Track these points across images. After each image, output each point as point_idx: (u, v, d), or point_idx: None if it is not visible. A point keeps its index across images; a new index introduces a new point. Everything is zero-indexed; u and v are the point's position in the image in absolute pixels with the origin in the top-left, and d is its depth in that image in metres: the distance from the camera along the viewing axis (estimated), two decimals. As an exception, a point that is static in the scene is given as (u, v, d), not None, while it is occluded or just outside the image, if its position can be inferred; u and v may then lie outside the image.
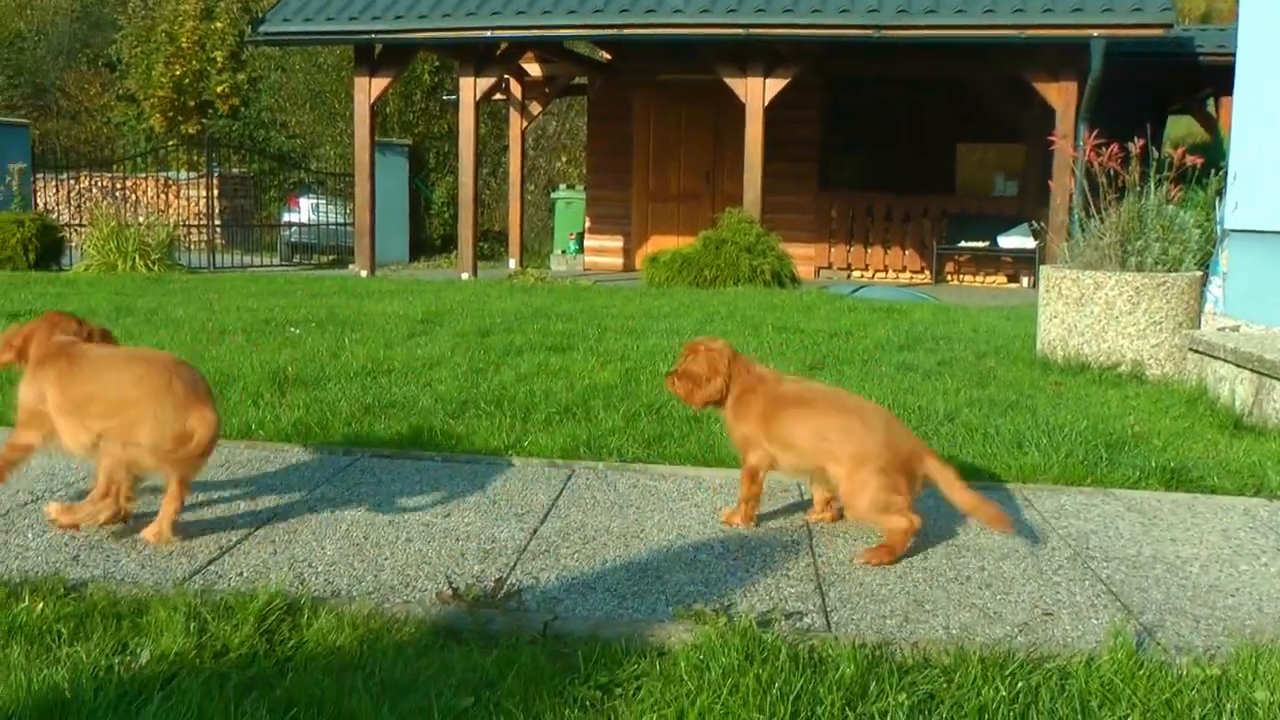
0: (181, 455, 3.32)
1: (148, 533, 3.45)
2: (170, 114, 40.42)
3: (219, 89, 39.51)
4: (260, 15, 38.90)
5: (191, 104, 40.43)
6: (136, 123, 42.54)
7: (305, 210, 29.68)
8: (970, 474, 4.44)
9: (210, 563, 3.34)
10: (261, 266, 25.67)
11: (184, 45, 39.88)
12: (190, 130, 39.71)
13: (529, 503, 4.03)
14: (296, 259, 29.04)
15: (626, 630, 2.90)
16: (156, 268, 17.98)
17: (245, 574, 3.25)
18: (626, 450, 4.84)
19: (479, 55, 18.32)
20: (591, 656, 2.73)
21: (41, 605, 2.93)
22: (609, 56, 22.50)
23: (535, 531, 3.70)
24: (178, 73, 39.88)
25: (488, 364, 7.03)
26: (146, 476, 3.55)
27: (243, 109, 39.53)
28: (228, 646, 2.73)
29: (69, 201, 26.74)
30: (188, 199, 29.72)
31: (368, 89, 18.76)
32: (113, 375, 3.48)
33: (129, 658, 2.66)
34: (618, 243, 23.00)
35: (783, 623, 3.00)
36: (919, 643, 2.88)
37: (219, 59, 39.61)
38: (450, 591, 3.12)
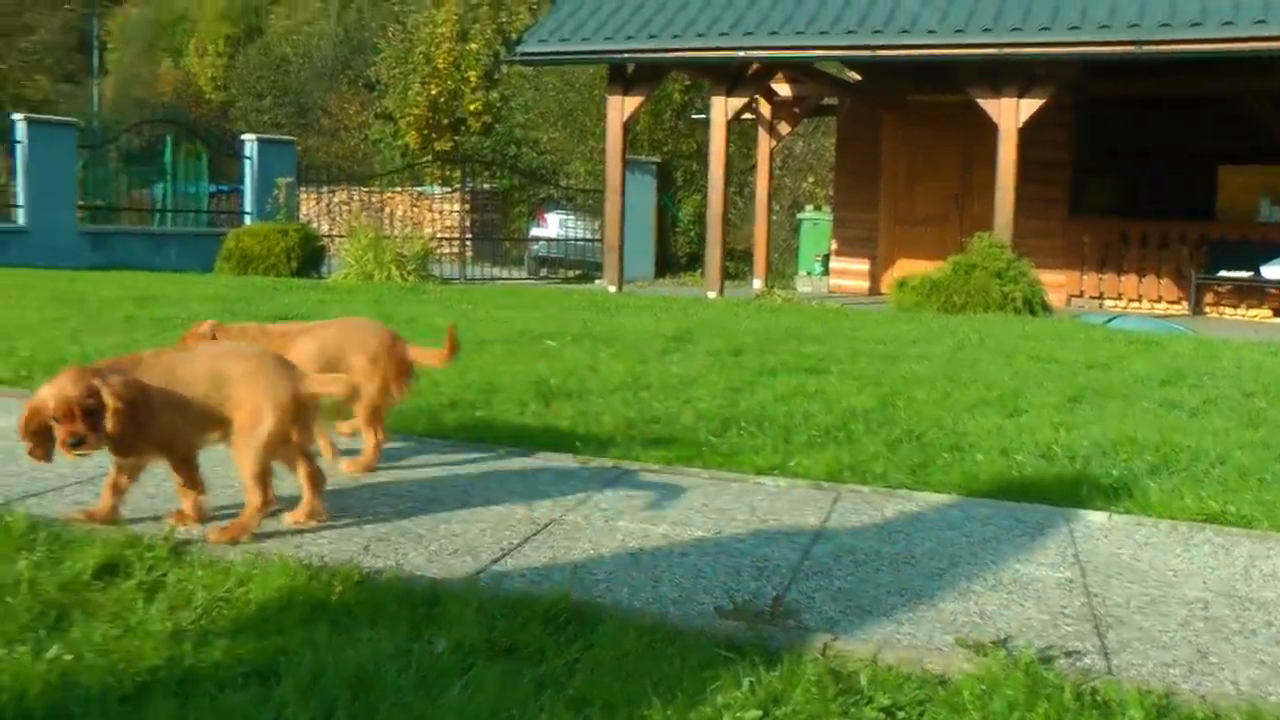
0: None
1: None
2: (425, 131, 41.65)
3: (472, 107, 40.59)
4: (514, 36, 40.03)
5: (445, 122, 41.61)
6: (393, 140, 43.96)
7: (553, 225, 30.21)
8: (1246, 523, 4.30)
9: (493, 562, 3.44)
10: (510, 280, 26.24)
11: (440, 66, 41.08)
12: (443, 147, 40.84)
13: (798, 523, 4.04)
14: (543, 273, 29.59)
15: (906, 655, 2.89)
16: (411, 278, 18.51)
17: (527, 575, 3.34)
18: (890, 476, 4.81)
19: (730, 75, 18.43)
20: (874, 679, 2.73)
21: (341, 589, 3.07)
22: (858, 77, 22.39)
23: (807, 552, 3.71)
24: (433, 92, 41.09)
25: (743, 383, 7.06)
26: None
27: (494, 126, 40.51)
28: (516, 644, 2.81)
29: (327, 213, 27.78)
30: (439, 213, 30.53)
31: (620, 107, 19.02)
32: None
33: (426, 645, 2.77)
34: (864, 265, 22.84)
35: (1063, 661, 2.95)
36: (1207, 695, 2.79)
37: (473, 78, 40.69)
38: (730, 606, 3.16)
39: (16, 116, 23.15)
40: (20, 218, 22.53)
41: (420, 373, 6.81)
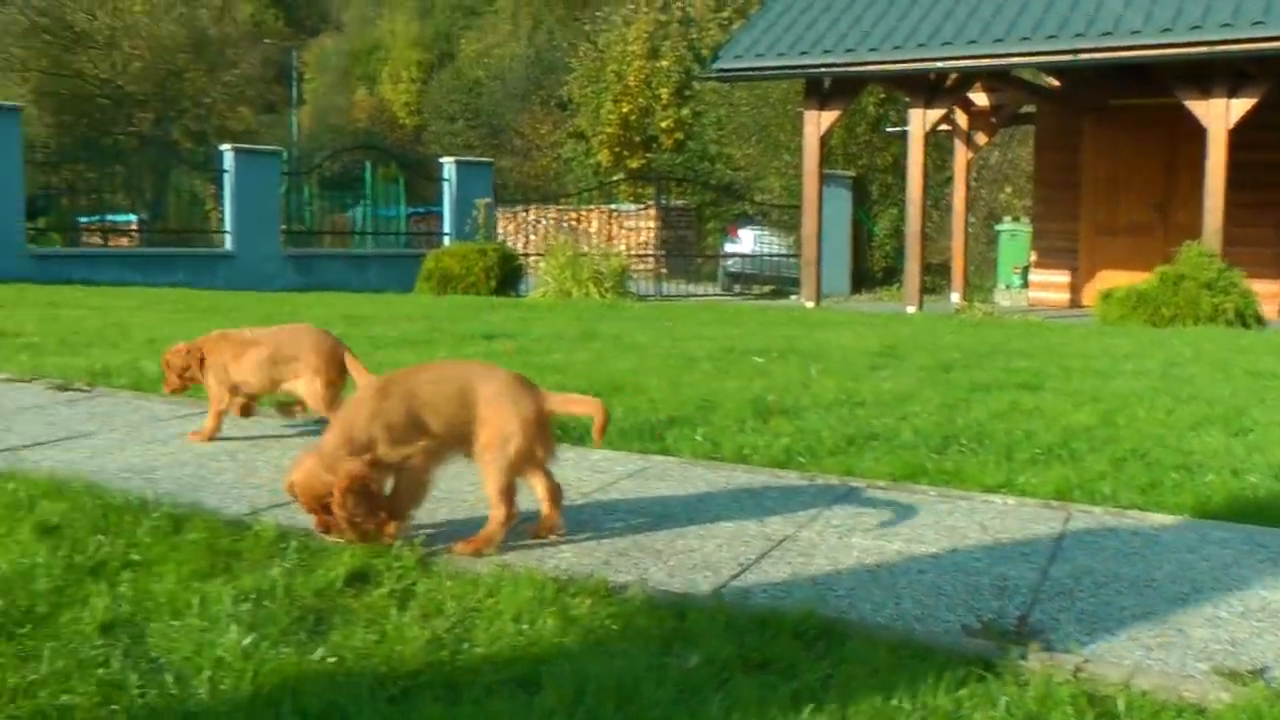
0: None
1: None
2: (616, 149, 42.14)
3: (663, 124, 40.94)
4: (704, 52, 40.24)
5: (637, 139, 42.04)
6: (585, 158, 44.53)
7: (746, 241, 30.24)
8: None
9: (733, 578, 3.46)
10: (704, 295, 26.37)
11: (631, 84, 41.52)
12: (635, 164, 41.26)
13: (1031, 543, 3.99)
14: (736, 289, 29.65)
15: (1160, 682, 2.83)
16: (609, 295, 18.71)
17: (769, 591, 3.35)
18: (1119, 496, 4.72)
19: (928, 87, 18.28)
20: (1130, 705, 2.68)
21: (589, 602, 3.13)
22: (1057, 83, 21.99)
23: (1045, 572, 3.66)
24: (625, 110, 41.55)
25: (957, 400, 6.98)
26: None
27: (686, 143, 40.77)
28: (769, 659, 2.83)
29: (520, 232, 28.24)
30: (631, 229, 30.78)
31: (817, 122, 19.00)
32: None
33: (678, 659, 2.81)
34: (1064, 277, 22.41)
35: (1325, 695, 2.86)
36: None
37: (664, 95, 41.04)
38: (977, 625, 3.14)
39: (224, 147, 24.02)
40: (228, 243, 23.35)
41: (631, 387, 6.92)
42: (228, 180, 23.40)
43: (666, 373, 7.86)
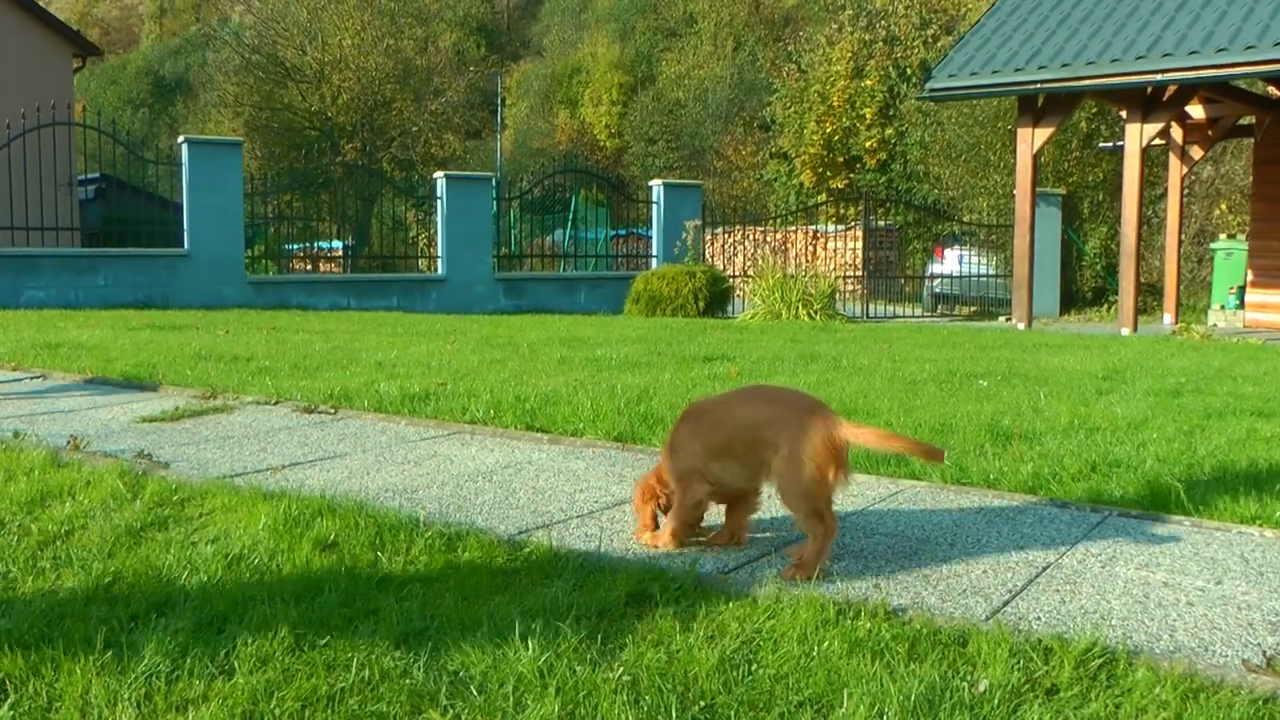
0: None
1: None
2: (819, 170, 42.03)
3: (867, 144, 40.69)
4: (908, 70, 39.91)
5: (840, 160, 41.86)
6: (787, 179, 44.49)
7: (951, 261, 29.88)
8: None
9: (1005, 604, 3.46)
10: (910, 317, 26.16)
11: (835, 104, 41.38)
12: (838, 185, 41.11)
13: (1298, 575, 3.91)
14: (939, 310, 29.32)
15: None
16: (818, 317, 18.69)
17: (1042, 618, 3.35)
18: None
19: (1145, 100, 17.88)
20: None
21: (869, 625, 3.17)
22: (1277, 93, 21.30)
23: (1315, 605, 3.59)
24: (828, 130, 41.43)
25: (1193, 427, 6.83)
26: None
27: (890, 163, 40.49)
28: (1056, 685, 2.84)
29: (722, 253, 28.31)
30: (834, 250, 30.64)
31: (1030, 139, 18.72)
32: None
33: (966, 682, 2.83)
34: (1283, 298, 21.68)
35: None
36: None
37: (868, 115, 40.81)
38: (1259, 661, 3.09)
39: (437, 174, 24.63)
40: (440, 267, 23.88)
41: (864, 411, 6.92)
42: (440, 206, 23.98)
43: (894, 396, 7.85)
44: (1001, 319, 23.88)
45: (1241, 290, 23.09)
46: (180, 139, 22.48)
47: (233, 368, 9.17)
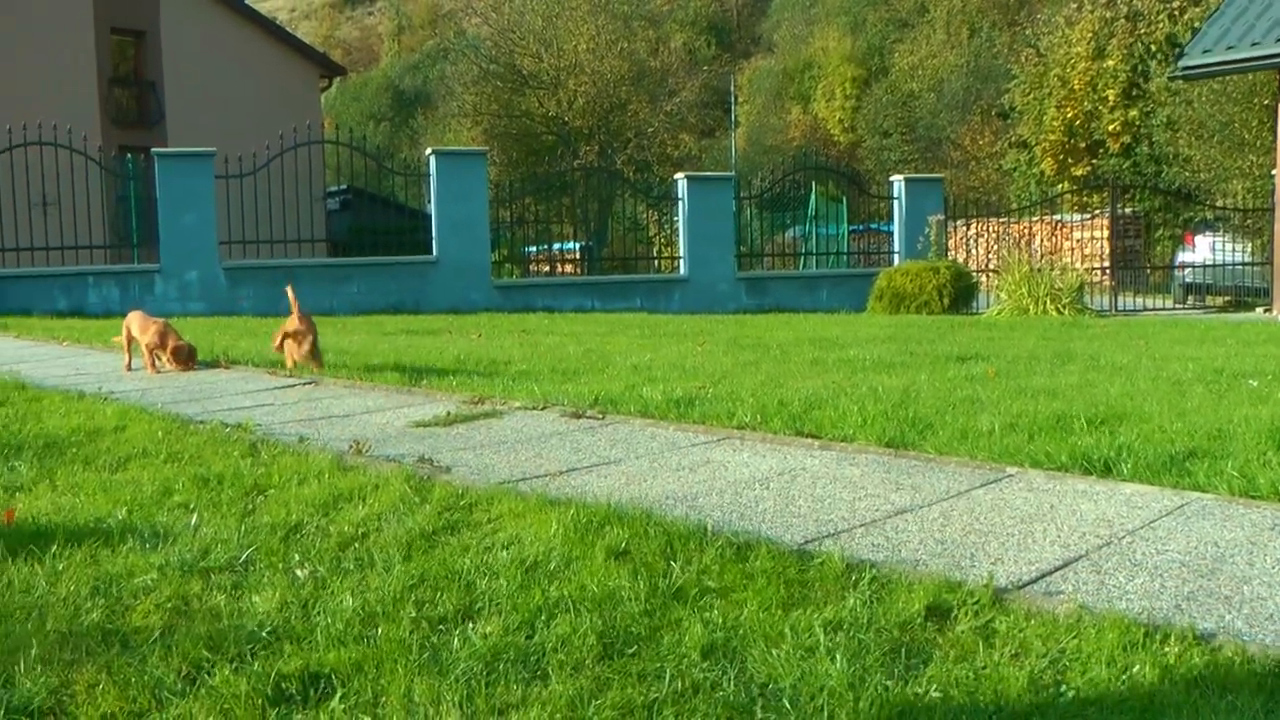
0: None
1: None
2: (1060, 157, 40.99)
3: (1110, 128, 39.52)
4: (1155, 46, 38.61)
5: (1081, 145, 40.76)
6: (1027, 168, 43.52)
7: (1202, 249, 28.84)
8: None
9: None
10: (1160, 310, 25.34)
11: (1075, 87, 40.29)
12: (1079, 172, 40.05)
13: None
14: (1190, 301, 28.31)
15: None
16: (1067, 311, 18.28)
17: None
18: None
19: None
20: None
21: (1178, 650, 3.08)
22: None
23: None
24: (1069, 115, 40.37)
25: None
26: None
27: (1134, 147, 39.27)
28: None
29: (960, 246, 27.87)
30: (1077, 241, 29.88)
31: (1292, 116, 17.97)
32: None
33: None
34: None
35: None
36: None
37: (1110, 97, 39.61)
38: None
39: (679, 175, 24.89)
40: (682, 268, 24.08)
41: (1134, 415, 6.74)
42: (681, 206, 24.20)
43: (1161, 398, 7.62)
44: (1259, 309, 22.97)
45: None
46: (428, 151, 23.18)
47: (492, 371, 9.43)
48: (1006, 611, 3.39)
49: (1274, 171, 19.17)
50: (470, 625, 3.37)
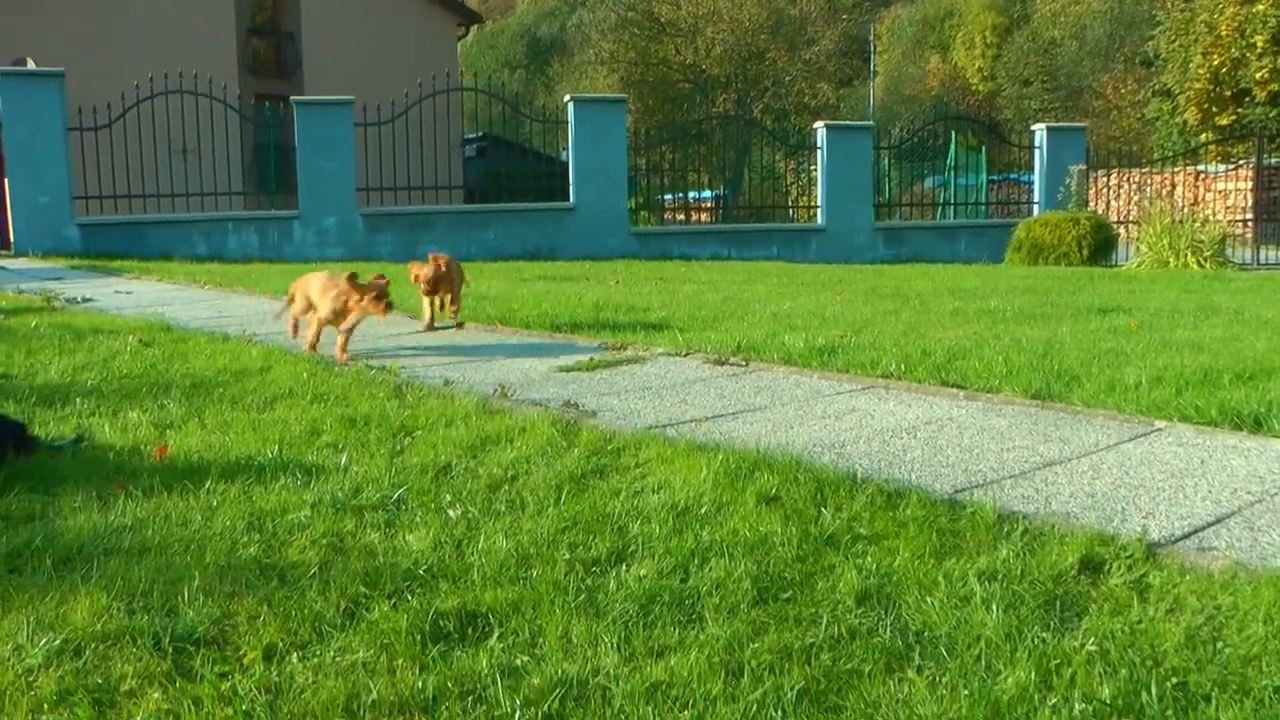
0: None
1: None
2: (1205, 105, 39.88)
3: (1257, 75, 38.31)
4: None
5: (1227, 94, 39.59)
6: (1170, 117, 42.43)
7: (1356, 200, 28.03)
8: None
9: None
10: (1306, 263, 24.70)
11: (1223, 34, 39.10)
12: (1224, 121, 38.95)
13: None
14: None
15: None
16: (1209, 264, 17.87)
17: None
18: None
19: None
20: None
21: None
22: None
23: None
24: (1215, 62, 39.22)
25: None
26: None
27: (1284, 94, 38.14)
28: None
29: (1100, 198, 27.31)
30: (1220, 192, 29.17)
31: None
32: None
33: None
34: None
35: None
36: None
37: (1259, 43, 38.35)
38: None
39: (818, 125, 24.72)
40: (820, 217, 23.94)
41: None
42: (820, 156, 24.02)
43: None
44: None
45: None
46: (566, 97, 23.25)
47: (632, 318, 9.46)
48: (1160, 566, 3.36)
49: None
50: (624, 568, 3.41)
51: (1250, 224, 26.05)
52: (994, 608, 3.03)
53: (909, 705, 2.59)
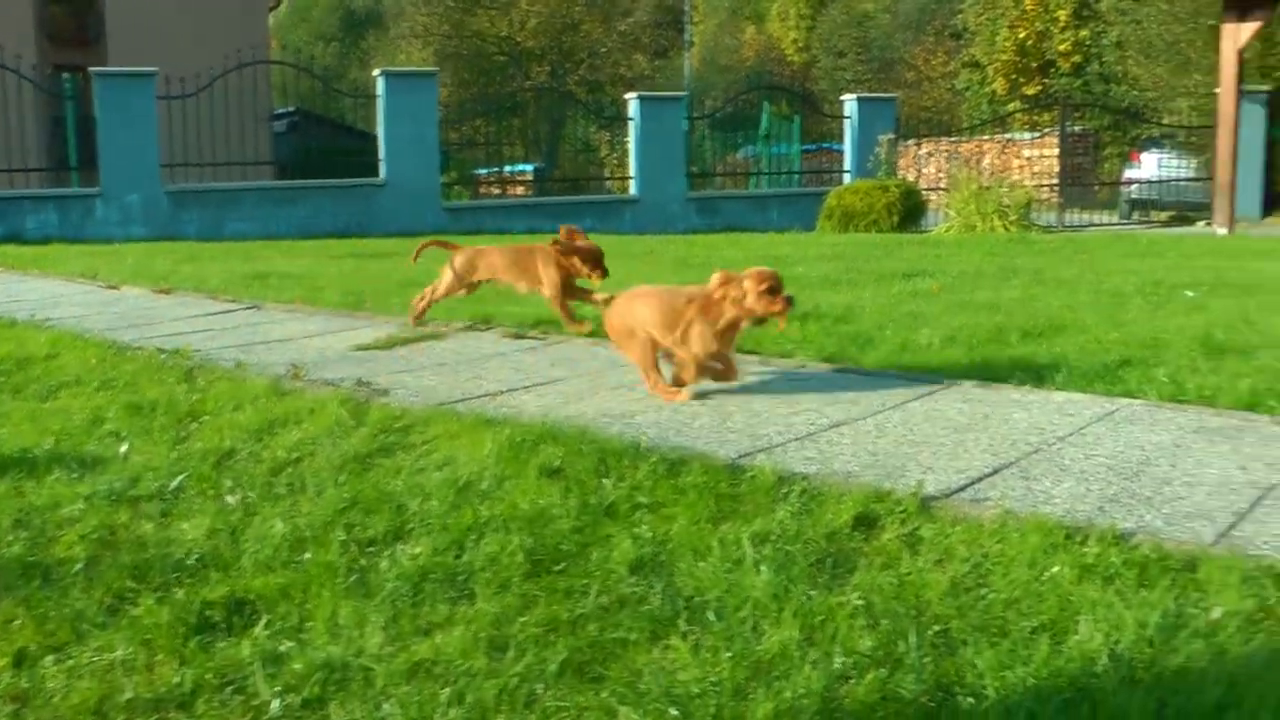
0: None
1: None
2: (1012, 76, 41.05)
3: (1061, 47, 39.57)
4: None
5: (1033, 65, 40.82)
6: (979, 87, 43.54)
7: (1148, 166, 29.11)
8: None
9: (1231, 527, 3.35)
10: (1104, 225, 25.55)
11: (1028, 7, 40.28)
12: (1030, 91, 40.11)
13: None
14: (1135, 216, 28.61)
15: None
16: (1014, 228, 18.34)
17: (1270, 542, 3.24)
18: None
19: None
20: None
21: (1097, 550, 3.12)
22: None
23: None
24: (1020, 35, 40.40)
25: None
26: None
27: (1084, 66, 39.32)
28: (1292, 610, 2.80)
29: (913, 166, 27.89)
30: (1027, 159, 30.01)
31: (1235, 35, 18.04)
32: None
33: (1200, 609, 2.80)
34: None
35: None
36: None
37: (1062, 17, 39.65)
38: None
39: (630, 95, 24.77)
40: (633, 188, 23.98)
41: (1072, 327, 6.79)
42: (633, 127, 24.06)
43: (1100, 310, 7.69)
44: (1201, 224, 23.17)
45: None
46: (376, 71, 22.94)
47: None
48: (933, 519, 3.42)
49: (1217, 90, 19.20)
50: (400, 547, 3.36)
51: (1056, 189, 26.82)
52: (764, 569, 3.05)
53: (672, 671, 2.59)
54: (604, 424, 4.63)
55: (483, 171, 29.57)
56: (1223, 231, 18.58)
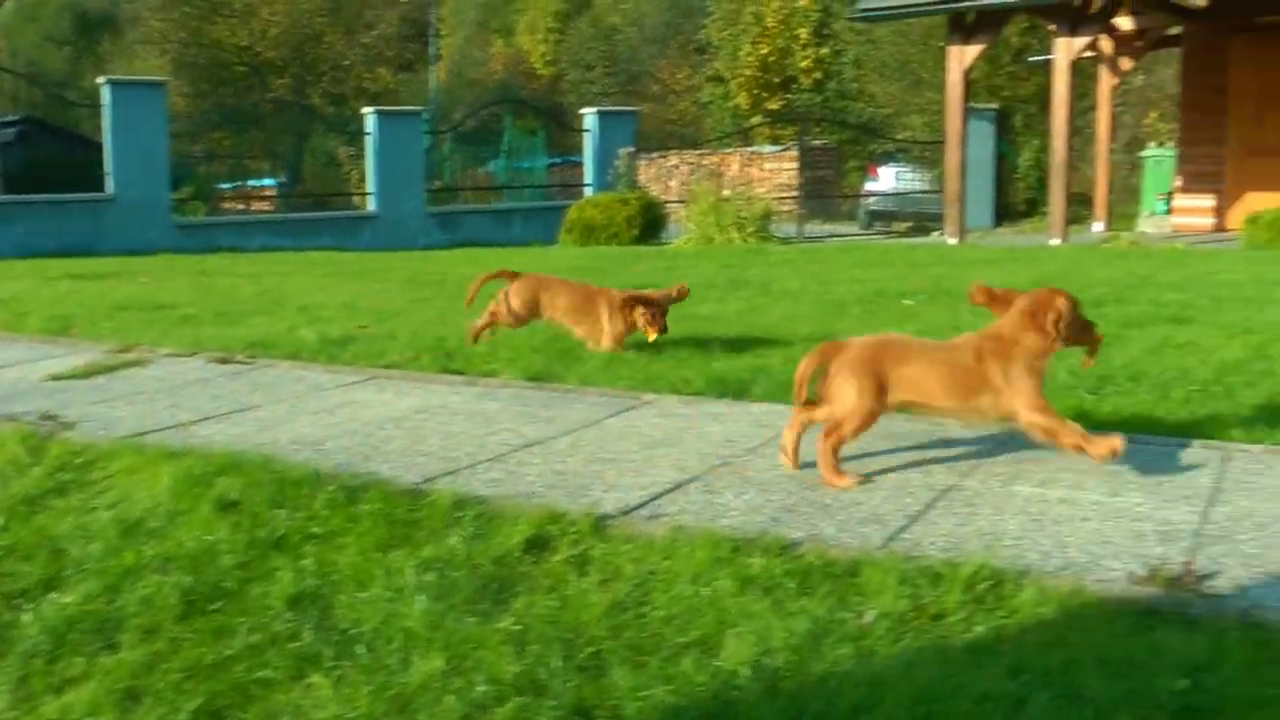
0: None
1: None
2: (755, 91, 41.95)
3: (802, 64, 40.63)
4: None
5: (776, 80, 41.79)
6: (724, 101, 44.36)
7: (886, 179, 30.06)
8: None
9: (902, 530, 3.47)
10: (845, 236, 26.24)
11: (770, 25, 41.23)
12: (773, 106, 41.02)
13: (1191, 486, 3.93)
14: (875, 227, 29.50)
15: (1324, 623, 2.81)
16: (752, 239, 18.68)
17: (937, 543, 3.36)
18: (1278, 434, 4.62)
19: (1073, 14, 17.94)
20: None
21: (764, 561, 3.17)
22: (1204, 3, 21.25)
23: (1205, 516, 3.62)
24: (763, 51, 41.38)
25: (1110, 337, 6.85)
26: None
27: (825, 82, 40.42)
28: (943, 611, 2.88)
29: (659, 179, 28.25)
30: (770, 171, 30.67)
31: (960, 57, 18.75)
32: None
33: (855, 614, 2.87)
34: (1209, 202, 21.80)
35: None
36: None
37: (803, 35, 40.75)
38: (1144, 573, 3.13)
39: (367, 110, 24.47)
40: (371, 204, 23.73)
41: (788, 340, 6.92)
42: (370, 142, 23.78)
43: (818, 320, 7.87)
44: (935, 234, 23.98)
45: (1170, 196, 23.32)
46: (101, 80, 22.14)
47: (153, 317, 9.03)
48: (606, 538, 3.42)
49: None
50: (52, 596, 3.20)
51: (796, 200, 27.47)
52: (423, 598, 3.00)
53: (310, 709, 2.53)
54: (295, 451, 4.51)
55: (226, 186, 28.80)
56: (953, 241, 19.25)
